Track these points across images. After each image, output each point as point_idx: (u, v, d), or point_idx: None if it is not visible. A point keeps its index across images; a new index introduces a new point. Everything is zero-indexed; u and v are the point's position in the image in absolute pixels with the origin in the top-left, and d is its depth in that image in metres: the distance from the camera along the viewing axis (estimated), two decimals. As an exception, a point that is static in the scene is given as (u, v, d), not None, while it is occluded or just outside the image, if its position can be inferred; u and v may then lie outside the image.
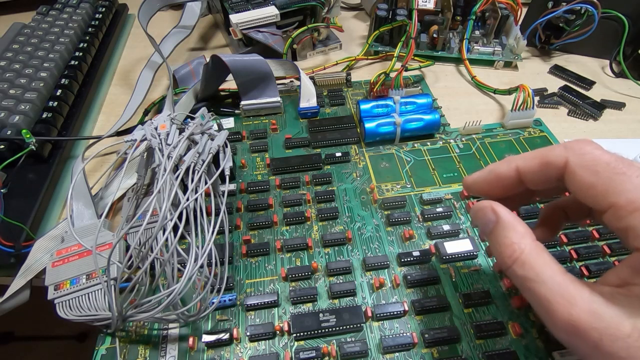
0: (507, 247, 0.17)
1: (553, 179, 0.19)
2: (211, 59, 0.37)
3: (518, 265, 0.17)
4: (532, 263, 0.16)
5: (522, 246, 0.17)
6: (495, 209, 0.19)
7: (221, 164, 0.30)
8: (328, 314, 0.26)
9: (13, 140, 0.34)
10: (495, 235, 0.18)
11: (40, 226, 0.32)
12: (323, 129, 0.38)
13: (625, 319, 0.14)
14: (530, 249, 0.17)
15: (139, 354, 0.25)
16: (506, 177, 0.20)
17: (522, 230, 0.18)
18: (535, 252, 0.17)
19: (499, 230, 0.18)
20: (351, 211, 0.32)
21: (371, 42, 0.46)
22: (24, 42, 0.44)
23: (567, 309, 0.15)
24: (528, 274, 0.16)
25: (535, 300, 0.16)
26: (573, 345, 0.16)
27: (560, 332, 0.16)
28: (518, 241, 0.17)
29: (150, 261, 0.24)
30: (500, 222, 0.18)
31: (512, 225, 0.18)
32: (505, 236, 0.18)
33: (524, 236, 0.17)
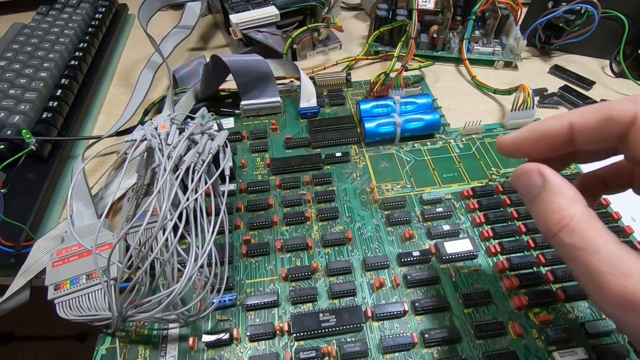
0: (554, 213, 0.16)
1: (613, 138, 0.17)
2: (211, 59, 0.37)
3: (566, 233, 0.15)
4: (582, 230, 0.15)
5: (572, 212, 0.15)
6: (543, 172, 0.17)
7: (221, 164, 0.30)
8: (328, 314, 0.26)
9: (13, 140, 0.34)
10: (540, 200, 0.16)
11: (40, 226, 0.32)
12: (323, 129, 0.38)
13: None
14: (582, 215, 0.15)
15: (139, 354, 0.25)
16: (556, 134, 0.18)
17: (572, 195, 0.16)
18: (587, 219, 0.15)
19: (546, 194, 0.16)
20: (351, 211, 0.32)
21: (371, 42, 0.46)
22: (24, 42, 0.44)
23: (621, 281, 0.14)
24: (577, 242, 0.15)
25: (583, 272, 0.15)
26: (624, 321, 0.14)
27: (611, 305, 0.14)
28: (567, 206, 0.16)
29: (150, 261, 0.24)
30: (547, 186, 0.16)
31: (561, 189, 0.16)
32: (553, 201, 0.16)
33: (574, 201, 0.16)
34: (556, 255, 0.29)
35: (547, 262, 0.28)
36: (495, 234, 0.30)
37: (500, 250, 0.29)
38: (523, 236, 0.30)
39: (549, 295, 0.27)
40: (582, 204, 0.16)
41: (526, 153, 0.20)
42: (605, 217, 0.31)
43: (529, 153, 0.19)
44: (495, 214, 0.31)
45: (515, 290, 0.28)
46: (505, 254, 0.29)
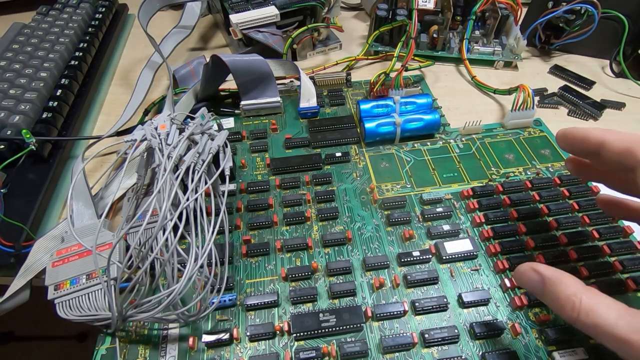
0: (566, 302, 0.18)
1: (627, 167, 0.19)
2: (211, 59, 0.37)
3: (584, 316, 0.17)
4: (595, 310, 0.17)
5: (579, 296, 0.18)
6: (536, 269, 0.19)
7: (221, 164, 0.30)
8: (328, 314, 0.26)
9: (13, 140, 0.34)
10: (548, 293, 0.19)
11: (40, 226, 0.32)
12: (323, 129, 0.38)
13: None
14: (587, 297, 0.17)
15: (139, 354, 0.25)
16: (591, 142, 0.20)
17: (571, 281, 0.18)
18: (593, 299, 0.17)
19: (550, 287, 0.19)
20: (351, 211, 0.32)
21: (371, 42, 0.46)
22: (24, 42, 0.44)
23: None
24: (597, 321, 0.17)
25: (612, 343, 0.17)
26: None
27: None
28: (573, 293, 0.18)
29: (150, 261, 0.24)
30: (546, 280, 0.19)
31: (560, 280, 0.18)
32: (559, 291, 0.18)
33: (575, 286, 0.18)
34: (556, 254, 0.29)
35: (547, 262, 0.28)
36: (495, 234, 0.30)
37: (500, 250, 0.29)
38: (523, 236, 0.30)
39: (549, 295, 0.27)
40: (581, 285, 0.18)
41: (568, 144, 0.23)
42: (605, 217, 0.31)
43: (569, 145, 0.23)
44: (495, 214, 0.31)
45: (515, 290, 0.28)
46: (505, 254, 0.29)
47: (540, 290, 0.19)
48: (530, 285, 0.20)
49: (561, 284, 0.18)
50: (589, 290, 0.18)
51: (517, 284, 0.21)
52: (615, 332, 0.16)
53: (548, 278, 0.19)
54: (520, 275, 0.20)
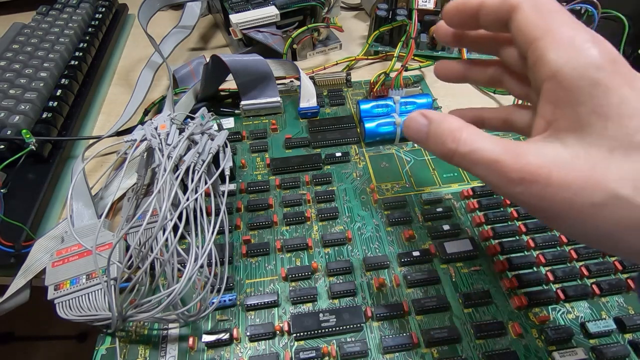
0: (447, 135, 0.19)
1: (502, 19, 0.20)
2: (211, 59, 0.37)
3: (462, 145, 0.18)
4: (474, 138, 0.18)
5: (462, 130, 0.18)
6: (424, 113, 0.20)
7: (221, 164, 0.30)
8: (328, 314, 0.26)
9: (13, 140, 0.34)
10: (432, 133, 0.19)
11: (40, 226, 0.32)
12: (323, 129, 0.38)
13: (562, 150, 0.16)
14: (469, 129, 0.18)
15: (139, 354, 0.25)
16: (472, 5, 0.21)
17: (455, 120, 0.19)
18: (474, 130, 0.18)
19: (435, 127, 0.19)
20: (351, 211, 0.32)
21: (371, 42, 0.46)
22: (24, 42, 0.44)
23: (516, 160, 0.17)
24: (474, 147, 0.18)
25: (486, 168, 0.18)
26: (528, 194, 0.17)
27: (516, 185, 0.17)
28: (457, 127, 0.19)
29: (150, 261, 0.24)
30: (432, 121, 0.19)
31: (445, 118, 0.19)
32: (443, 128, 0.19)
33: (458, 122, 0.19)
34: (556, 254, 0.29)
35: (547, 262, 0.28)
36: (495, 234, 0.30)
37: (500, 250, 0.29)
38: (523, 236, 0.30)
39: (549, 295, 0.27)
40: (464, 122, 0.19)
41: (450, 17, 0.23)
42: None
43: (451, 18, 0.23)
44: (495, 214, 0.31)
45: (515, 290, 0.28)
46: (505, 254, 0.29)
47: (425, 132, 0.20)
48: (416, 129, 0.20)
49: (446, 121, 0.19)
50: (469, 125, 0.19)
51: (406, 133, 0.21)
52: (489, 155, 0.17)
53: (433, 119, 0.19)
54: (409, 121, 0.21)
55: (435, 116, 0.19)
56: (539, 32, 0.18)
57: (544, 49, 0.18)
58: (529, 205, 0.17)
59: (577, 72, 0.17)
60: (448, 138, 0.19)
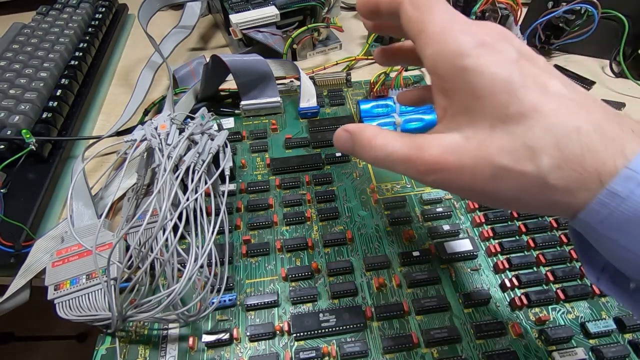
0: (367, 144, 0.20)
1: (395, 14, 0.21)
2: (211, 59, 0.37)
3: (379, 151, 0.20)
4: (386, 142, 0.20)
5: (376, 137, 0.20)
6: (345, 128, 0.22)
7: (221, 164, 0.30)
8: (328, 314, 0.26)
9: (13, 140, 0.34)
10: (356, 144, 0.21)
11: (40, 226, 0.32)
12: (323, 129, 0.38)
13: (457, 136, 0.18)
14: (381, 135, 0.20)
15: (139, 354, 0.25)
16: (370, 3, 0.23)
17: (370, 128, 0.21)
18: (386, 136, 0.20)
19: (356, 138, 0.21)
20: (351, 211, 0.32)
21: (371, 42, 0.46)
22: (24, 42, 0.44)
23: (421, 154, 0.18)
24: (387, 151, 0.20)
25: (401, 166, 0.19)
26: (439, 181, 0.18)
27: (426, 175, 0.19)
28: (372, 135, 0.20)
29: (150, 261, 0.24)
30: (353, 133, 0.21)
31: (361, 129, 0.21)
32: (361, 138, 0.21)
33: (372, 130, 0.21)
34: (555, 255, 0.29)
35: (547, 262, 0.28)
36: (495, 234, 0.30)
37: (500, 250, 0.29)
38: (523, 236, 0.30)
39: (549, 295, 0.27)
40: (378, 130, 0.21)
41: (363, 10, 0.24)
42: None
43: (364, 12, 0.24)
44: (495, 214, 0.31)
45: (515, 290, 0.28)
46: (505, 254, 0.29)
47: (351, 143, 0.21)
48: (343, 143, 0.22)
49: (363, 132, 0.21)
50: (382, 131, 0.20)
51: (337, 148, 0.23)
52: (401, 154, 0.19)
53: (353, 131, 0.21)
54: (337, 139, 0.22)
55: (355, 129, 0.21)
56: (417, 29, 0.19)
57: (422, 46, 0.19)
58: (447, 190, 0.19)
59: (447, 62, 0.18)
60: (367, 147, 0.20)
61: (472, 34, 0.18)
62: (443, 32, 0.18)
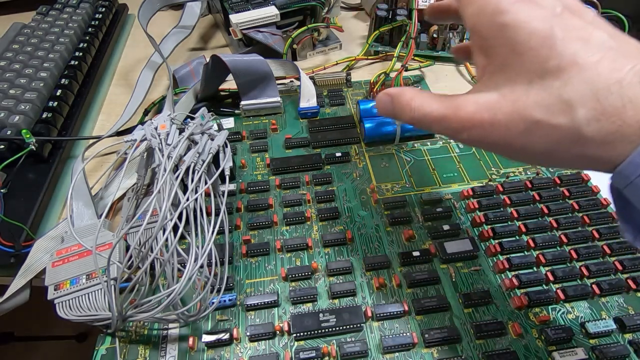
0: (405, 106, 0.21)
1: None
2: (211, 59, 0.37)
3: (417, 112, 0.21)
4: (423, 103, 0.21)
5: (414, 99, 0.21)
6: (386, 91, 0.23)
7: (221, 164, 0.30)
8: (328, 314, 0.26)
9: (13, 140, 0.34)
10: (396, 106, 0.22)
11: (40, 226, 0.32)
12: (323, 129, 0.38)
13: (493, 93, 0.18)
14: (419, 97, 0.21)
15: (139, 354, 0.25)
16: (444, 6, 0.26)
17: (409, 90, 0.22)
18: (423, 96, 0.21)
19: (395, 100, 0.22)
20: (351, 211, 0.32)
21: (371, 42, 0.46)
22: (24, 42, 0.44)
23: (456, 112, 0.19)
24: (424, 111, 0.21)
25: (438, 125, 0.20)
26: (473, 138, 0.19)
27: (460, 133, 0.19)
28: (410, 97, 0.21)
29: (150, 261, 0.24)
30: (393, 96, 0.22)
31: (401, 91, 0.22)
32: (401, 100, 0.22)
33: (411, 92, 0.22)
34: (556, 254, 0.29)
35: (547, 262, 0.28)
36: (495, 234, 0.30)
37: (500, 250, 0.29)
38: (523, 236, 0.30)
39: (549, 295, 0.27)
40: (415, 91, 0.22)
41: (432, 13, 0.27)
42: (606, 217, 0.31)
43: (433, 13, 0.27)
44: (495, 214, 0.31)
45: (515, 290, 0.28)
46: (505, 254, 0.29)
47: (391, 106, 0.23)
48: (384, 106, 0.23)
49: (402, 94, 0.22)
50: (419, 92, 0.21)
51: (379, 111, 0.24)
52: (437, 114, 0.20)
53: (394, 94, 0.22)
54: (378, 102, 0.24)
55: (395, 92, 0.23)
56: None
57: (463, 7, 0.20)
58: (479, 146, 0.20)
59: (487, 21, 0.19)
60: (405, 108, 0.22)
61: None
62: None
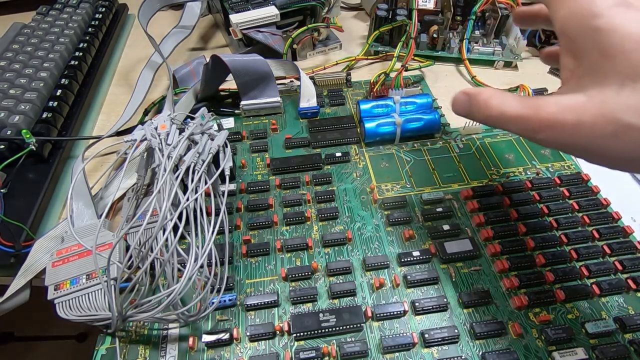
0: (483, 104, 0.22)
1: None
2: (211, 59, 0.37)
3: (494, 110, 0.21)
4: (501, 102, 0.21)
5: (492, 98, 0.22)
6: (464, 91, 0.24)
7: (221, 164, 0.30)
8: (328, 314, 0.26)
9: (13, 140, 0.34)
10: (473, 104, 0.23)
11: (40, 226, 0.32)
12: (323, 129, 0.38)
13: (579, 95, 0.18)
14: (497, 96, 0.22)
15: (139, 354, 0.25)
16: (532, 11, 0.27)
17: (487, 90, 0.22)
18: (501, 96, 0.21)
19: (473, 99, 0.23)
20: (351, 211, 0.32)
21: (371, 42, 0.46)
22: (24, 42, 0.44)
23: (536, 112, 0.19)
24: (501, 110, 0.21)
25: (514, 124, 0.20)
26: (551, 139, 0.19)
27: (538, 132, 0.19)
28: (488, 96, 0.22)
29: (150, 261, 0.24)
30: (471, 95, 0.23)
31: (479, 91, 0.23)
32: (479, 99, 0.22)
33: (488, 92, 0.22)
34: (556, 254, 0.29)
35: (547, 262, 0.28)
36: (495, 234, 0.30)
37: (500, 250, 0.29)
38: (523, 236, 0.30)
39: (549, 295, 0.27)
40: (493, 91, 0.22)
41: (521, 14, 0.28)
42: (606, 217, 0.31)
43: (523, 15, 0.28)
44: (495, 214, 0.31)
45: (515, 290, 0.28)
46: (505, 254, 0.29)
47: (468, 104, 0.23)
48: (461, 105, 0.24)
49: (480, 93, 0.22)
50: (498, 92, 0.22)
51: (454, 111, 0.24)
52: (515, 114, 0.20)
53: (471, 93, 0.23)
54: (455, 102, 0.24)
55: (473, 91, 0.23)
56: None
57: (554, 9, 0.20)
58: (558, 147, 0.20)
59: (579, 24, 0.19)
60: (482, 107, 0.22)
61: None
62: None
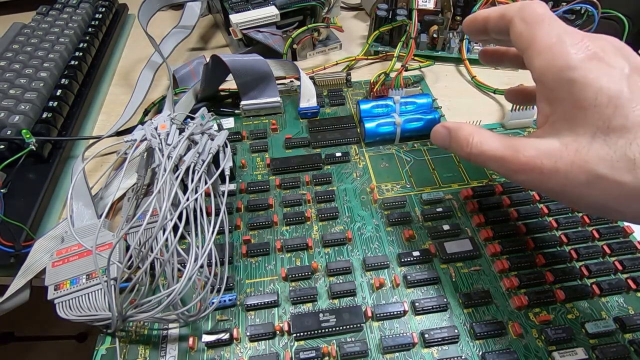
0: (463, 141, 0.22)
1: (504, 30, 0.23)
2: (211, 59, 0.37)
3: (474, 148, 0.22)
4: (482, 141, 0.22)
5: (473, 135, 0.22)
6: (444, 125, 0.24)
7: (221, 164, 0.30)
8: (328, 314, 0.26)
9: (13, 140, 0.34)
10: (453, 139, 0.23)
11: (40, 226, 0.32)
12: (323, 129, 0.38)
13: (554, 141, 0.19)
14: (478, 134, 0.22)
15: (139, 354, 0.25)
16: (480, 20, 0.25)
17: (468, 127, 0.23)
18: (482, 134, 0.22)
19: (453, 134, 0.23)
20: (351, 211, 0.32)
21: (371, 42, 0.46)
22: (24, 42, 0.44)
23: (515, 155, 0.20)
24: (482, 149, 0.22)
25: (494, 163, 0.21)
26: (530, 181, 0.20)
27: (518, 175, 0.20)
28: (469, 133, 0.22)
29: (150, 261, 0.24)
30: (451, 130, 0.23)
31: (460, 127, 0.23)
32: (459, 135, 0.23)
33: (470, 129, 0.23)
34: (556, 254, 0.29)
35: (547, 262, 0.28)
36: (495, 234, 0.30)
37: (500, 250, 0.29)
38: (523, 236, 0.30)
39: (549, 295, 0.27)
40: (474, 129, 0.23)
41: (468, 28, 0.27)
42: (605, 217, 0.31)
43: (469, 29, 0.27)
44: (495, 214, 0.31)
45: (515, 290, 0.28)
46: (505, 254, 0.29)
47: (447, 139, 0.24)
48: (441, 138, 0.24)
49: (460, 129, 0.23)
50: (479, 130, 0.22)
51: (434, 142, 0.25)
52: (495, 154, 0.21)
53: (452, 128, 0.24)
54: (435, 134, 0.25)
55: (453, 126, 0.24)
56: (526, 42, 0.21)
57: (530, 58, 0.21)
58: (535, 189, 0.22)
59: (555, 74, 0.19)
60: (463, 143, 0.22)
61: (583, 48, 0.19)
62: (552, 46, 0.20)
